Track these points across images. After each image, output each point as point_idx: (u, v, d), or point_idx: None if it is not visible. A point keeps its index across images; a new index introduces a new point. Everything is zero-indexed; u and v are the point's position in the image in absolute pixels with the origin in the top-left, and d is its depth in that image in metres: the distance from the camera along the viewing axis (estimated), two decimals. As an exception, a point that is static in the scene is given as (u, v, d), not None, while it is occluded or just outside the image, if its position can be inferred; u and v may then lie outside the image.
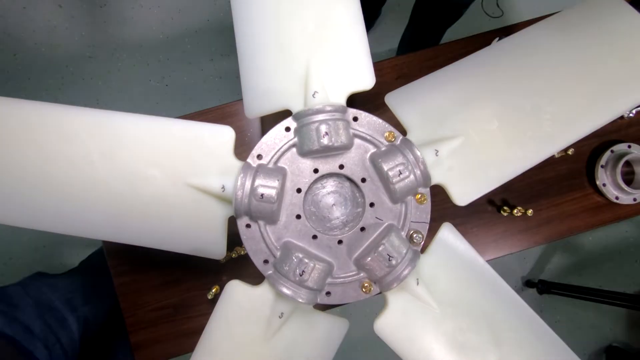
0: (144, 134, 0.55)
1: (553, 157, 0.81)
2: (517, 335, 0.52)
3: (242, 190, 0.51)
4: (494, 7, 1.36)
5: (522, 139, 0.54)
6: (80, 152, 0.54)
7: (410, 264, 0.51)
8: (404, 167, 0.52)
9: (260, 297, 0.53)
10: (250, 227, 0.54)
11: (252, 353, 0.51)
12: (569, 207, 0.81)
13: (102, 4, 1.57)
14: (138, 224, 0.55)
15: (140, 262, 0.77)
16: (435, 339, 0.51)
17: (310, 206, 0.56)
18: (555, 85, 0.54)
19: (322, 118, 0.52)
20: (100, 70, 1.57)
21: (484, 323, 0.51)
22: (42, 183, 0.54)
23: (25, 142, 0.54)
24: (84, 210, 0.54)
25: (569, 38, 0.56)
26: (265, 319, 0.52)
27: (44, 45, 1.56)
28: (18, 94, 1.55)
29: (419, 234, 0.54)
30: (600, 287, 1.47)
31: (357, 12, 0.56)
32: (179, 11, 1.59)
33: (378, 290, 0.53)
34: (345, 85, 0.54)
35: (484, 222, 0.80)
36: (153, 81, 1.57)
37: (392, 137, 0.55)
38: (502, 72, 0.56)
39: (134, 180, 0.53)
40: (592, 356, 1.63)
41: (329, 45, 0.55)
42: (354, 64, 0.55)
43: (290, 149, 0.55)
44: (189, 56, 1.59)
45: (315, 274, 0.50)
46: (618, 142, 0.81)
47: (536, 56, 0.56)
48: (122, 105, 1.55)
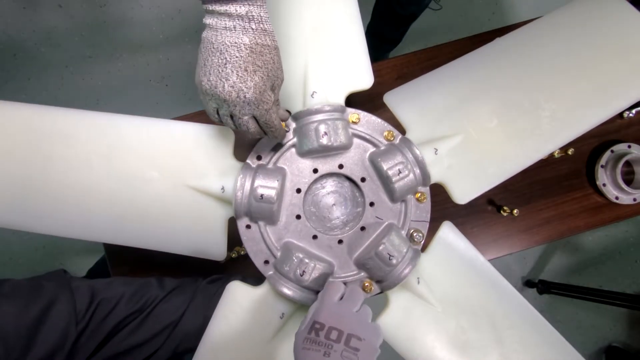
0: (143, 136, 0.55)
1: (553, 157, 0.81)
2: (519, 333, 0.52)
3: (242, 191, 0.51)
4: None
5: (522, 137, 0.54)
6: (80, 155, 0.54)
7: (411, 263, 0.51)
8: (404, 166, 0.52)
9: (261, 297, 0.53)
10: (251, 227, 0.54)
11: (254, 353, 0.51)
12: (569, 207, 0.81)
13: (102, 4, 1.57)
14: (138, 226, 0.55)
15: (140, 263, 0.77)
16: (437, 337, 0.51)
17: (310, 206, 0.56)
18: (554, 83, 0.54)
19: (321, 118, 0.52)
20: (100, 70, 1.57)
21: (486, 321, 0.51)
22: (41, 187, 0.54)
23: (24, 146, 0.54)
24: (84, 213, 0.54)
25: (567, 35, 0.56)
26: (266, 319, 0.52)
27: (44, 45, 1.56)
28: (18, 94, 1.55)
29: (419, 232, 0.54)
30: (600, 287, 1.47)
31: (355, 12, 0.56)
32: (179, 11, 1.59)
33: (379, 290, 0.53)
34: (343, 85, 0.54)
35: (484, 222, 0.80)
36: (153, 81, 1.57)
37: (391, 136, 0.55)
38: (500, 70, 0.56)
39: (133, 182, 0.53)
40: (592, 356, 1.63)
41: (327, 46, 0.55)
42: (352, 63, 0.55)
43: (289, 149, 0.55)
44: (189, 56, 1.58)
45: (315, 274, 0.50)
46: (618, 142, 0.81)
47: (535, 54, 0.56)
48: (122, 105, 1.55)
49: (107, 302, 0.60)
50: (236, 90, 0.41)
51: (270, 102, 0.44)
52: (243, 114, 0.43)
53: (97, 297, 0.59)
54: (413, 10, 1.19)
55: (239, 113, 0.43)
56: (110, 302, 0.60)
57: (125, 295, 0.61)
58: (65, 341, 0.54)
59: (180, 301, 0.64)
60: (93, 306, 0.58)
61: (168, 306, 0.63)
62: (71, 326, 0.55)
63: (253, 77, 0.41)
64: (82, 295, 0.58)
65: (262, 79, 0.41)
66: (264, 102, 0.43)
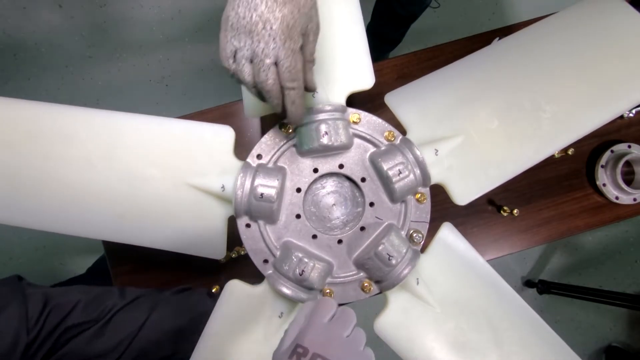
0: (143, 133, 0.55)
1: (553, 157, 0.81)
2: (518, 335, 0.52)
3: (242, 189, 0.51)
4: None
5: (522, 138, 0.54)
6: (80, 152, 0.54)
7: (410, 263, 0.51)
8: (404, 167, 0.52)
9: (260, 296, 0.53)
10: (250, 226, 0.54)
11: (252, 352, 0.51)
12: (569, 207, 0.81)
13: (102, 4, 1.57)
14: (138, 224, 0.55)
15: (140, 262, 0.77)
16: (436, 338, 0.51)
17: (310, 206, 0.56)
18: (555, 84, 0.54)
19: (321, 118, 0.52)
20: (100, 70, 1.57)
21: (485, 322, 0.51)
22: (42, 184, 0.54)
23: (25, 143, 0.54)
24: (84, 210, 0.54)
25: (568, 37, 0.56)
26: (265, 318, 0.52)
27: (44, 45, 1.56)
28: (18, 94, 1.55)
29: (419, 233, 0.54)
30: (600, 287, 1.47)
31: (356, 11, 0.56)
32: (179, 11, 1.59)
33: (378, 290, 0.53)
34: (345, 85, 0.54)
35: (484, 222, 0.81)
36: (153, 81, 1.57)
37: (391, 136, 0.55)
38: (502, 72, 0.56)
39: (133, 181, 0.53)
40: (592, 356, 1.63)
41: (328, 45, 0.55)
42: (353, 63, 0.55)
43: (289, 149, 0.55)
44: (189, 56, 1.59)
45: (315, 274, 0.50)
46: (618, 142, 0.81)
47: (536, 55, 0.56)
48: (122, 105, 1.55)
49: (61, 308, 0.58)
50: (263, 20, 0.39)
51: (298, 43, 0.42)
52: (266, 55, 0.40)
53: (50, 303, 0.58)
54: (413, 11, 1.19)
55: (262, 53, 0.40)
56: (64, 308, 0.58)
57: (81, 302, 0.60)
58: (15, 347, 0.53)
59: (140, 311, 0.62)
60: (46, 312, 0.57)
61: (127, 316, 0.62)
62: (22, 332, 0.54)
63: (282, 8, 0.39)
64: (35, 301, 0.57)
65: (291, 13, 0.40)
66: (291, 40, 0.40)
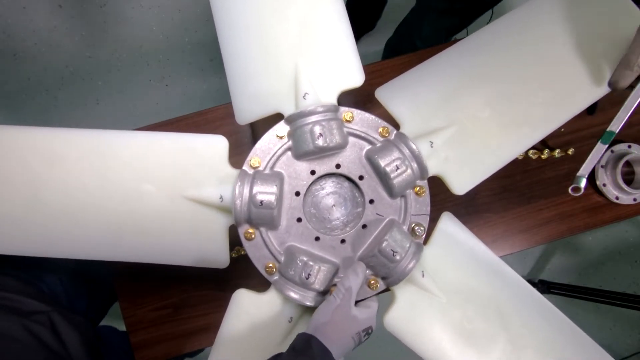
0: (135, 150, 0.54)
1: (553, 157, 0.80)
2: (525, 317, 0.52)
3: (241, 198, 0.51)
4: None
5: (515, 124, 0.54)
6: (72, 174, 0.53)
7: (415, 257, 0.51)
8: (401, 162, 0.52)
9: (268, 303, 0.52)
10: (252, 234, 0.53)
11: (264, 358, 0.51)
12: (569, 207, 0.81)
13: (102, 4, 1.57)
14: (137, 241, 0.54)
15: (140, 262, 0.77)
16: (444, 328, 0.51)
17: (310, 208, 0.56)
18: (545, 68, 0.54)
19: (315, 119, 0.52)
20: (100, 70, 1.57)
21: (491, 308, 0.51)
22: (35, 209, 0.53)
23: (16, 168, 0.53)
24: (80, 232, 0.53)
25: (556, 21, 0.55)
26: (274, 324, 0.52)
27: (44, 45, 1.56)
28: (18, 94, 1.55)
29: (420, 226, 0.54)
30: (600, 287, 1.47)
31: (341, 8, 0.55)
32: (179, 11, 1.59)
33: (384, 286, 0.53)
34: (335, 84, 0.54)
35: (484, 222, 0.80)
36: (153, 81, 1.57)
37: (386, 132, 0.55)
38: (491, 58, 0.56)
39: (128, 198, 0.52)
40: (592, 356, 1.63)
41: (315, 45, 0.54)
42: (342, 62, 0.55)
43: (285, 153, 0.54)
44: (189, 56, 1.58)
45: (321, 276, 0.50)
46: (618, 142, 0.81)
47: (524, 40, 0.55)
48: (122, 106, 1.55)
49: None
50: None
51: None
52: None
53: None
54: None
55: None
56: None
57: None
58: None
59: None
60: None
61: None
62: None
63: None
64: None
65: None
66: None
